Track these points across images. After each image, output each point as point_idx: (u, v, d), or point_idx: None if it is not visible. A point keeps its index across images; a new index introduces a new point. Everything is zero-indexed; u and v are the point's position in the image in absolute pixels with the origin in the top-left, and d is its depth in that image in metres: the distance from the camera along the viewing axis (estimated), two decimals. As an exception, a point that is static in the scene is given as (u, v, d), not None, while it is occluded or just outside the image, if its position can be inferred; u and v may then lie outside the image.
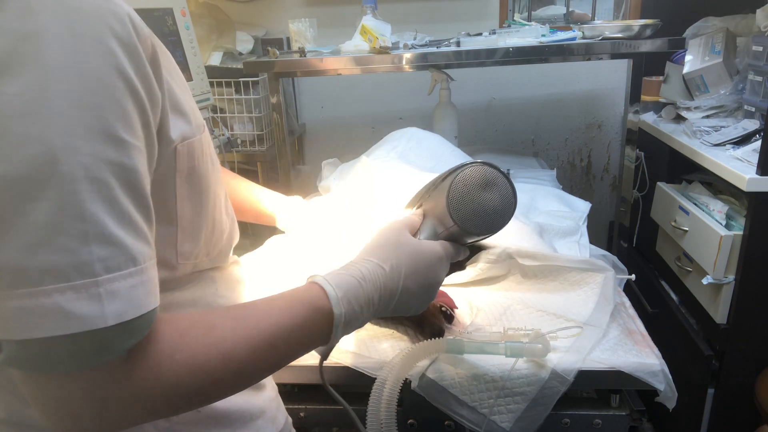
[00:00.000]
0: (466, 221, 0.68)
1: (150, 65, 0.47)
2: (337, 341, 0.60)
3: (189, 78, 1.39)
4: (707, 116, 1.62)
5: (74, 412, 0.44)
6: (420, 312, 0.70)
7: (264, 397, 0.71)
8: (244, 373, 0.52)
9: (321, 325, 0.58)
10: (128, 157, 0.44)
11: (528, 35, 1.55)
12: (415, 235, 0.72)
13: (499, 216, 0.69)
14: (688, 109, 1.68)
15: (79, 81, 0.41)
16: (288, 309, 0.56)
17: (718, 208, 1.39)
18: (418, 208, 0.77)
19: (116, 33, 0.44)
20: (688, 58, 1.70)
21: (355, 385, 0.82)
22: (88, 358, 0.42)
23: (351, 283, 0.60)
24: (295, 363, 0.86)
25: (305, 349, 0.59)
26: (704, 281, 1.35)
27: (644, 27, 1.48)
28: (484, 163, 0.69)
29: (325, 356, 0.66)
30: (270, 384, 0.75)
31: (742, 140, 1.42)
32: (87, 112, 0.41)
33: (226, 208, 0.66)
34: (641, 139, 1.80)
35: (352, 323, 0.60)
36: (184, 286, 0.60)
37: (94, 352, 0.42)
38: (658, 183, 1.67)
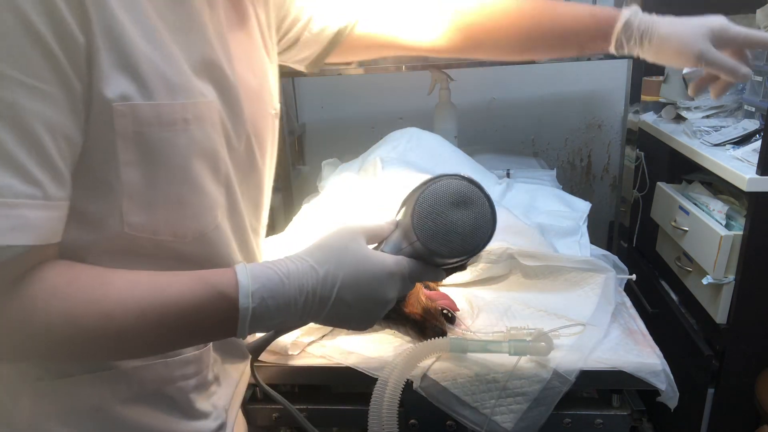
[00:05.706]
0: (430, 239, 0.60)
1: (71, 8, 0.45)
2: (245, 336, 0.57)
3: (189, 78, 1.38)
4: (707, 116, 1.62)
5: None
6: (364, 330, 0.64)
7: (197, 427, 0.63)
8: (125, 337, 0.51)
9: (224, 312, 0.54)
10: (9, 91, 0.44)
11: (528, 35, 1.55)
12: (379, 244, 0.66)
13: (469, 239, 0.60)
14: (688, 109, 1.68)
15: None
16: (190, 286, 0.53)
17: (718, 208, 1.39)
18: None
19: None
20: (688, 58, 1.70)
21: (357, 385, 0.82)
22: None
23: (272, 278, 0.56)
24: (295, 363, 0.86)
25: (206, 334, 0.56)
26: (704, 281, 1.35)
27: (644, 27, 1.47)
28: (463, 178, 0.61)
29: (255, 354, 0.63)
30: (214, 415, 0.66)
31: (742, 140, 1.42)
32: None
33: (217, 187, 0.60)
34: (641, 139, 1.80)
35: (265, 321, 0.56)
36: (163, 263, 0.56)
37: None
38: (658, 183, 1.67)
